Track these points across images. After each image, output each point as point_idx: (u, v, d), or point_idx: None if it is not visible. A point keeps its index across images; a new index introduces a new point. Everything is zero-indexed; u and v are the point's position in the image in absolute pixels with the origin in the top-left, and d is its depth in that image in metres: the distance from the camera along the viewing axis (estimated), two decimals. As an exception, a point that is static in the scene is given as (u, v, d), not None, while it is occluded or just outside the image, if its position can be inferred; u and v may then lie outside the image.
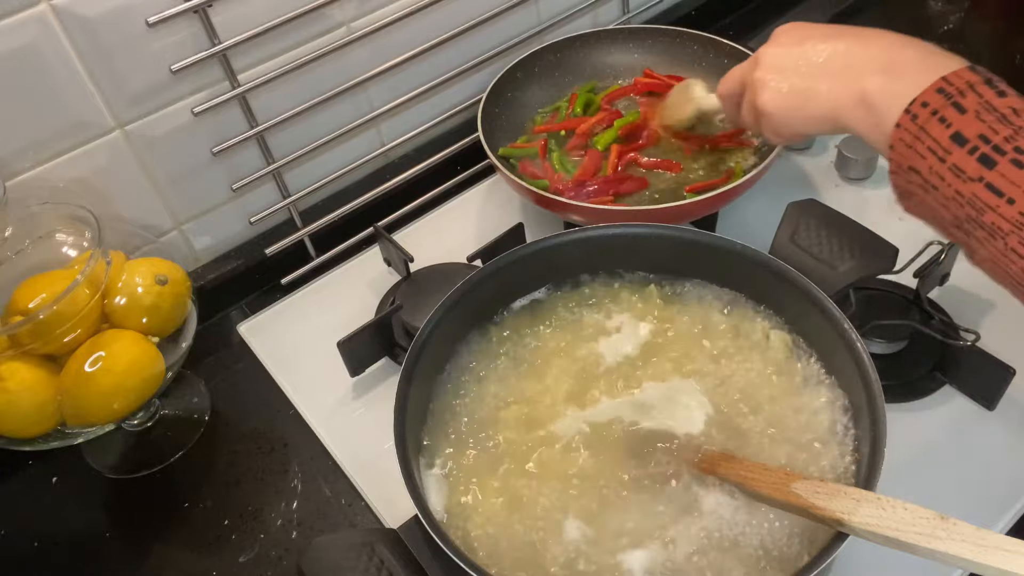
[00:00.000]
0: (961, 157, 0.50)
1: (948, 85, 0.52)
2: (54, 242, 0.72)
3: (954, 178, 0.51)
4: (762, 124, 0.67)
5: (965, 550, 0.44)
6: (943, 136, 0.51)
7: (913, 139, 0.53)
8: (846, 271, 0.65)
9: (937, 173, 0.52)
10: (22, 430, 0.68)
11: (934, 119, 0.52)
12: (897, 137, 0.54)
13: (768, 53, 0.65)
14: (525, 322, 0.71)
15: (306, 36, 0.85)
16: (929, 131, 0.52)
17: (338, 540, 0.54)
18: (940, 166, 0.51)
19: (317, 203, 0.96)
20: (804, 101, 0.62)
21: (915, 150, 0.53)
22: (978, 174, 0.50)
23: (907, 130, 0.53)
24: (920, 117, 0.53)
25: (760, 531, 0.56)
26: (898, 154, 0.54)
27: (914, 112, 0.53)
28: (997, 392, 0.72)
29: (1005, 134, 0.49)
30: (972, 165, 0.50)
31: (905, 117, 0.53)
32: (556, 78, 1.02)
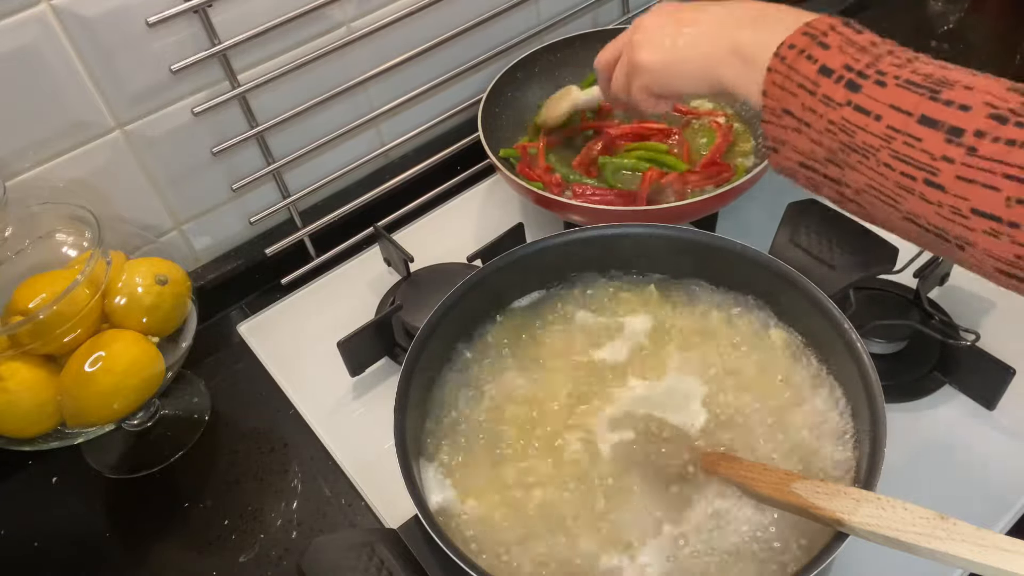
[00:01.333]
0: (829, 87, 0.53)
1: (812, 29, 0.55)
2: (54, 242, 0.72)
3: (825, 108, 0.53)
4: (635, 84, 0.69)
5: (965, 550, 0.44)
6: (811, 71, 0.54)
7: (784, 79, 0.55)
8: (846, 271, 0.65)
9: (809, 108, 0.54)
10: (22, 430, 0.68)
11: (801, 57, 0.55)
12: (770, 81, 0.56)
13: (645, 20, 0.68)
14: (525, 322, 0.71)
15: (306, 36, 0.85)
16: (798, 68, 0.55)
17: (338, 540, 0.54)
18: (811, 99, 0.54)
19: (317, 203, 0.96)
20: (681, 58, 0.64)
21: (787, 90, 0.55)
22: (846, 99, 0.52)
23: (777, 72, 0.56)
24: (788, 58, 0.55)
25: (760, 531, 0.56)
26: (771, 99, 0.56)
27: (782, 55, 0.55)
28: (997, 392, 0.72)
29: (866, 61, 0.52)
30: (840, 92, 0.53)
31: (775, 60, 0.56)
32: (556, 78, 1.02)
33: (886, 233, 0.68)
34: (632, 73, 0.69)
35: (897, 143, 0.50)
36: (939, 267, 0.78)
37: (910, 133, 0.50)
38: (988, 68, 0.54)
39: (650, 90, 0.68)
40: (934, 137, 0.49)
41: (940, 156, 0.48)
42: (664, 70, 0.66)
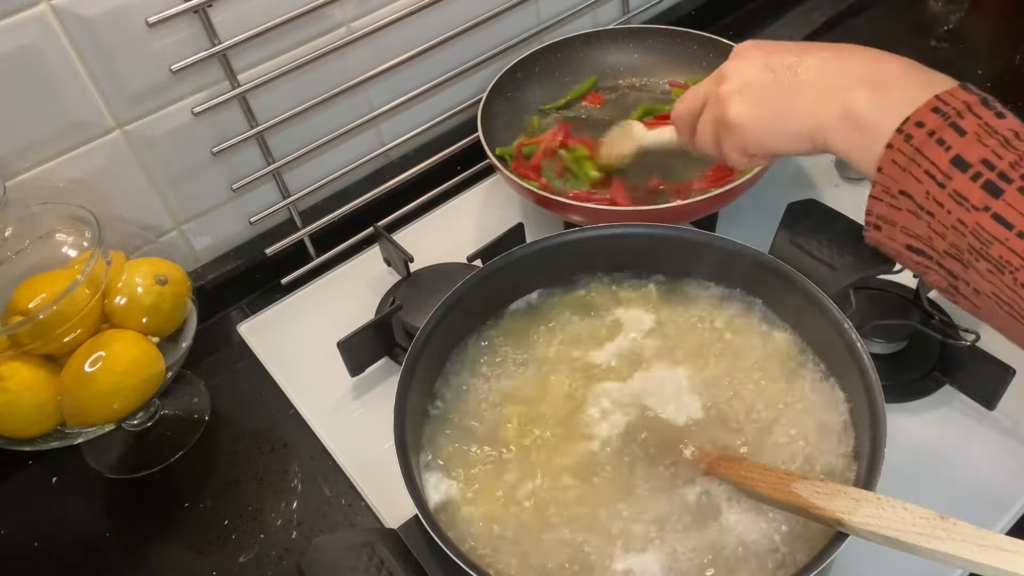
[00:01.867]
0: (963, 183, 0.47)
1: (944, 104, 0.49)
2: (54, 242, 0.72)
3: (955, 206, 0.47)
4: (727, 143, 0.61)
5: (965, 550, 0.44)
6: (942, 160, 0.48)
7: (908, 161, 0.49)
8: (846, 271, 0.65)
9: (935, 199, 0.48)
10: (22, 430, 0.68)
11: (931, 140, 0.48)
12: (888, 159, 0.50)
13: (734, 67, 0.60)
14: (525, 322, 0.71)
15: (306, 36, 0.85)
16: (926, 153, 0.48)
17: (338, 540, 0.54)
18: (939, 192, 0.48)
19: (317, 203, 0.96)
20: (779, 115, 0.57)
21: (909, 173, 0.49)
22: (983, 203, 0.46)
23: (900, 151, 0.49)
24: (915, 138, 0.49)
25: (761, 531, 0.56)
26: (887, 177, 0.51)
27: (907, 132, 0.49)
28: (997, 392, 0.72)
29: (1010, 160, 0.46)
30: (976, 193, 0.46)
31: (898, 137, 0.49)
32: (556, 78, 1.02)
33: (886, 233, 0.68)
34: (722, 131, 0.61)
35: None
36: (939, 267, 0.78)
37: None
38: (988, 68, 0.53)
39: (745, 149, 0.61)
40: None
41: None
42: (761, 128, 0.58)
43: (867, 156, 0.52)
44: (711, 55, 0.99)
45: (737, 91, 0.59)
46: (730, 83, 0.60)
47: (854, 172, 0.94)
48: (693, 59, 1.00)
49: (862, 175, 0.53)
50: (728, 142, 0.61)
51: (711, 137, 0.63)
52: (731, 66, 0.60)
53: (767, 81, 0.57)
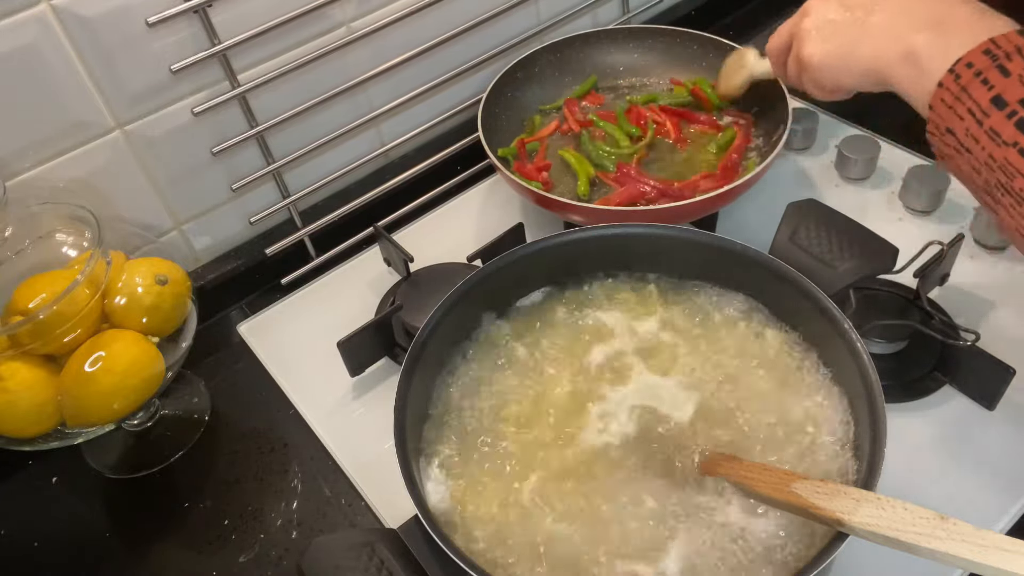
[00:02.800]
0: (999, 120, 0.49)
1: (995, 47, 0.50)
2: (54, 242, 0.72)
3: (989, 142, 0.49)
4: (804, 77, 0.66)
5: (965, 550, 0.44)
6: (984, 98, 0.50)
7: (954, 100, 0.51)
8: (846, 271, 0.65)
9: (973, 136, 0.50)
10: (22, 430, 0.68)
11: (977, 80, 0.50)
12: (938, 97, 0.52)
13: (816, 3, 0.64)
14: (525, 322, 0.71)
15: (306, 36, 0.85)
16: (971, 92, 0.50)
17: (338, 540, 0.54)
18: (977, 129, 0.50)
19: (317, 203, 0.97)
20: (849, 53, 0.60)
21: (955, 111, 0.51)
22: (1013, 139, 0.48)
23: (949, 90, 0.51)
24: (963, 77, 0.51)
25: (761, 531, 0.56)
26: (937, 114, 0.53)
27: (958, 72, 0.51)
28: (997, 392, 0.72)
29: None
30: (1009, 130, 0.48)
31: (948, 77, 0.52)
32: (556, 78, 1.02)
33: (886, 233, 0.68)
34: (801, 66, 0.65)
35: None
36: (939, 267, 0.78)
37: None
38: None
39: (820, 85, 0.65)
40: None
41: None
42: (832, 66, 0.62)
43: (922, 94, 0.54)
44: (711, 55, 0.99)
45: (815, 28, 0.63)
46: (809, 19, 0.63)
47: (854, 172, 0.94)
48: (693, 59, 1.00)
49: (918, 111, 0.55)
50: (806, 76, 0.66)
51: (795, 72, 0.68)
52: (813, 3, 0.64)
53: (842, 19, 0.60)
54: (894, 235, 0.68)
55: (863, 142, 0.94)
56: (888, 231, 0.68)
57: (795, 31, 0.67)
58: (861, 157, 0.93)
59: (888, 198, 0.92)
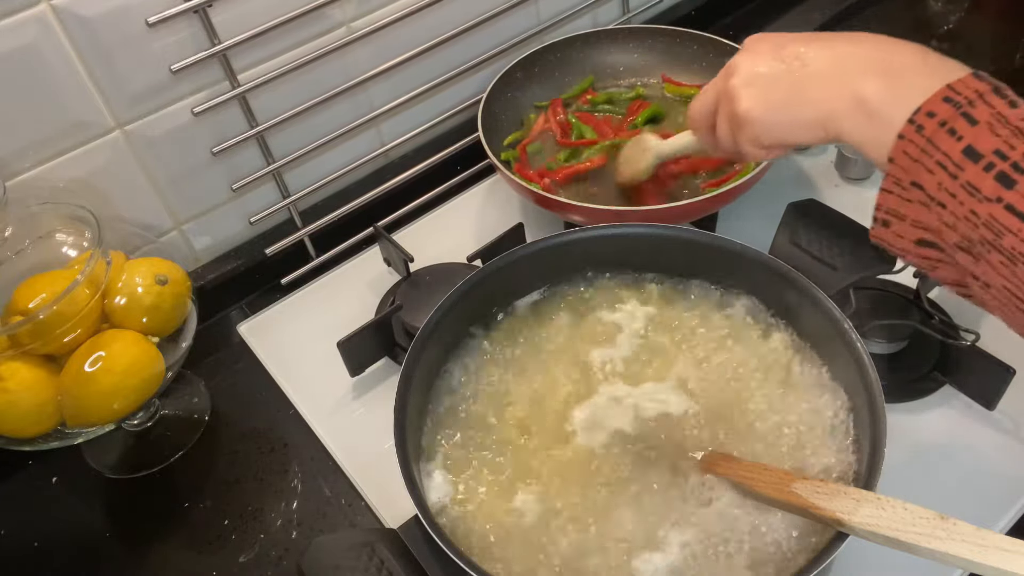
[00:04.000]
0: (976, 174, 0.46)
1: (955, 94, 0.48)
2: (54, 242, 0.72)
3: (968, 197, 0.47)
4: (741, 137, 0.61)
5: (965, 550, 0.44)
6: (954, 150, 0.47)
7: (919, 152, 0.48)
8: (846, 271, 0.65)
9: (947, 190, 0.47)
10: (22, 430, 0.68)
11: (942, 131, 0.48)
12: (900, 149, 0.49)
13: (743, 60, 0.59)
14: (525, 322, 0.71)
15: (306, 36, 0.85)
16: (938, 144, 0.48)
17: (338, 540, 0.54)
18: (951, 183, 0.47)
19: (317, 203, 0.96)
20: (791, 105, 0.56)
21: (921, 164, 0.48)
22: (996, 194, 0.46)
23: (912, 142, 0.49)
24: (927, 128, 0.48)
25: (761, 531, 0.56)
26: (899, 168, 0.50)
27: (919, 123, 0.49)
28: (997, 392, 0.72)
29: (1023, 150, 0.46)
30: (989, 184, 0.46)
31: (909, 128, 0.49)
32: (556, 78, 1.02)
33: (886, 233, 0.68)
34: (735, 125, 0.60)
35: None
36: (939, 267, 0.78)
37: None
38: (988, 68, 0.53)
39: (759, 142, 0.60)
40: None
41: None
42: (773, 120, 0.58)
43: (879, 146, 0.51)
44: (711, 55, 0.99)
45: (746, 84, 0.58)
46: (739, 76, 0.59)
47: (854, 172, 0.94)
48: (693, 59, 1.00)
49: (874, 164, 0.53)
50: (742, 135, 0.61)
51: (728, 134, 0.63)
52: (740, 59, 0.60)
53: (777, 71, 0.57)
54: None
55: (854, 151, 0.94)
56: (888, 231, 0.68)
57: (722, 91, 0.62)
58: (861, 157, 0.92)
59: (888, 198, 0.92)
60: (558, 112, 0.98)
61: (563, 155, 0.93)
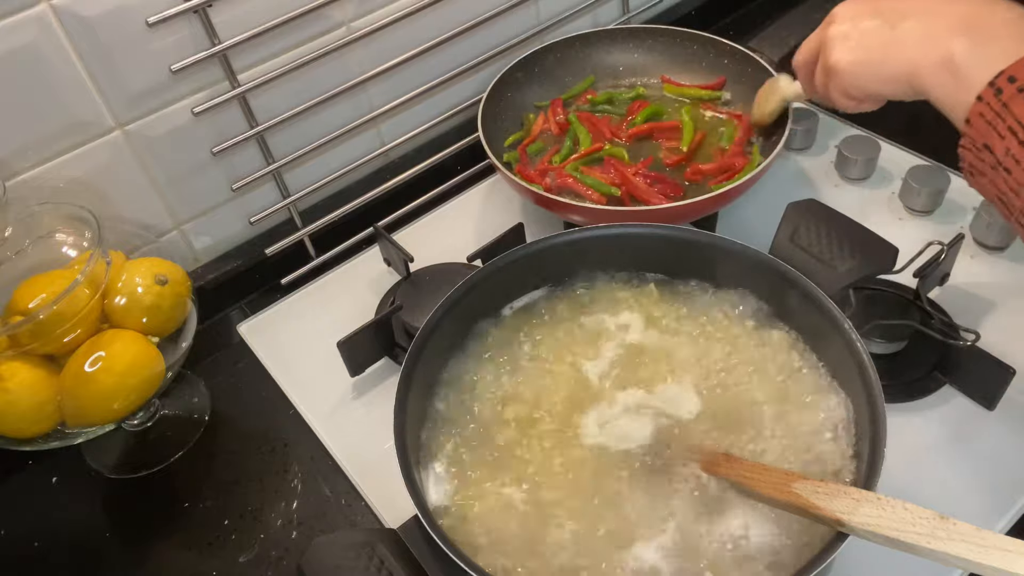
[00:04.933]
0: None
1: None
2: (54, 242, 0.72)
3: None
4: (832, 86, 0.62)
5: (965, 550, 0.44)
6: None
7: (994, 116, 0.48)
8: (846, 271, 0.65)
9: (1014, 156, 0.48)
10: (22, 430, 0.68)
11: (1020, 96, 0.47)
12: (977, 111, 0.50)
13: (842, 10, 0.61)
14: (525, 322, 0.71)
15: (306, 36, 0.85)
16: (1013, 109, 0.48)
17: (338, 540, 0.54)
18: (1020, 150, 0.47)
19: (317, 203, 0.96)
20: (881, 58, 0.57)
21: (995, 128, 0.48)
22: None
23: (989, 105, 0.49)
24: (1005, 92, 0.48)
25: (761, 531, 0.56)
26: (974, 129, 0.50)
27: (999, 86, 0.48)
28: (997, 392, 0.72)
29: None
30: None
31: (989, 90, 0.49)
32: (556, 78, 1.02)
33: (886, 233, 0.68)
34: (828, 74, 0.62)
35: None
36: (939, 267, 0.78)
37: None
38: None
39: (848, 93, 0.62)
40: None
41: None
42: (861, 73, 0.59)
43: (958, 105, 0.51)
44: (711, 55, 0.99)
45: (843, 35, 0.60)
46: (837, 26, 0.60)
47: (854, 172, 0.94)
48: (693, 59, 1.00)
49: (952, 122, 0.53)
50: (833, 85, 0.62)
51: (821, 81, 0.64)
52: (840, 9, 0.61)
53: (873, 25, 0.57)
54: (894, 235, 0.68)
55: (863, 142, 0.94)
56: (888, 231, 0.68)
57: (822, 39, 0.64)
58: (861, 157, 0.93)
59: (888, 198, 0.92)
60: (557, 112, 0.98)
61: (559, 157, 0.93)
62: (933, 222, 0.89)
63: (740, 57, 0.96)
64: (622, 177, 0.88)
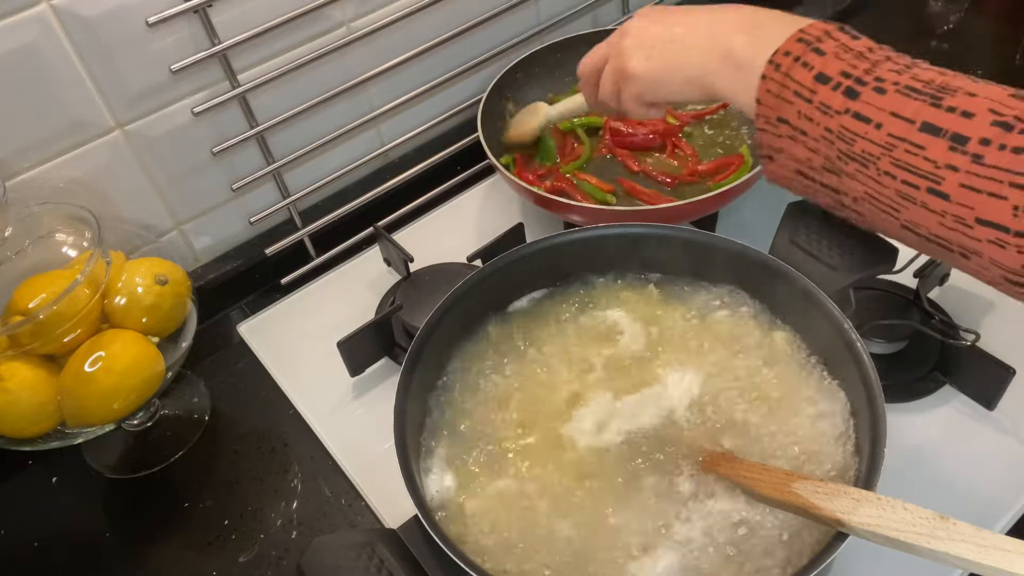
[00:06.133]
0: (826, 94, 0.52)
1: (806, 35, 0.55)
2: (54, 242, 0.72)
3: (822, 116, 0.52)
4: (626, 93, 0.67)
5: (965, 550, 0.44)
6: (807, 78, 0.53)
7: (779, 87, 0.54)
8: (846, 271, 0.65)
9: (805, 116, 0.53)
10: (22, 430, 0.68)
11: (797, 64, 0.54)
12: (764, 89, 0.55)
13: (635, 24, 0.66)
14: (525, 322, 0.71)
15: (306, 36, 0.85)
16: (793, 76, 0.54)
17: (338, 540, 0.54)
18: (807, 107, 0.53)
19: (317, 203, 0.97)
20: (674, 63, 0.63)
21: (782, 98, 0.54)
22: (844, 106, 0.51)
23: (772, 79, 0.55)
24: (783, 65, 0.54)
25: (761, 531, 0.56)
26: (766, 106, 0.55)
27: (777, 62, 0.55)
28: (997, 392, 0.72)
29: (864, 67, 0.52)
30: (838, 99, 0.52)
31: (769, 68, 0.55)
32: (556, 78, 1.02)
33: (886, 233, 0.68)
34: (621, 81, 0.67)
35: (898, 151, 0.49)
36: (939, 267, 0.78)
37: (912, 141, 0.49)
38: (988, 68, 0.54)
39: (641, 98, 0.67)
40: (937, 145, 0.48)
41: (944, 164, 0.48)
42: (655, 77, 0.64)
43: (747, 91, 0.57)
44: (711, 55, 0.99)
45: (638, 45, 0.65)
46: (631, 38, 0.66)
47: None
48: (693, 59, 1.00)
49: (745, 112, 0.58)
50: (627, 91, 0.67)
51: (611, 89, 0.69)
52: (632, 24, 0.66)
53: (664, 36, 0.63)
54: (894, 238, 0.68)
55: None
56: (888, 231, 0.68)
57: (613, 50, 0.68)
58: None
59: (888, 198, 0.92)
60: None
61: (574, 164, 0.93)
62: (933, 222, 0.89)
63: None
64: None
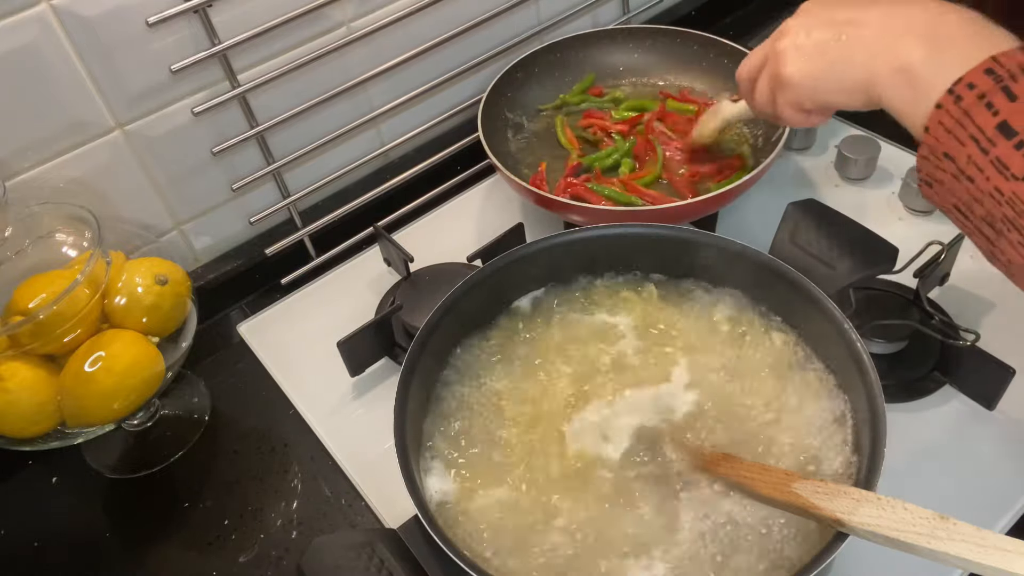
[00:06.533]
0: (1007, 151, 0.46)
1: (999, 66, 0.47)
2: (54, 242, 0.72)
3: (995, 173, 0.46)
4: (782, 99, 0.61)
5: (965, 550, 0.44)
6: (989, 125, 0.46)
7: (954, 124, 0.48)
8: (846, 271, 0.65)
9: (976, 164, 0.47)
10: (22, 430, 0.68)
11: (980, 104, 0.47)
12: (936, 119, 0.49)
13: (794, 22, 0.60)
14: (525, 322, 0.71)
15: (306, 36, 0.85)
16: (974, 117, 0.47)
17: (338, 540, 0.54)
18: (982, 158, 0.47)
19: (317, 203, 0.97)
20: (835, 68, 0.56)
21: (955, 136, 0.48)
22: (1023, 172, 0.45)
23: (948, 112, 0.48)
24: (965, 100, 0.47)
25: (760, 531, 0.56)
26: (933, 138, 0.49)
27: (958, 93, 0.48)
28: (997, 392, 0.72)
29: None
30: (1018, 161, 0.45)
31: (948, 98, 0.48)
32: (556, 78, 1.02)
33: (886, 233, 0.68)
34: (777, 87, 0.61)
35: None
36: (939, 267, 0.78)
37: None
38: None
39: (799, 105, 0.61)
40: None
41: None
42: (815, 83, 0.58)
43: (916, 113, 0.51)
44: (711, 55, 0.99)
45: (795, 47, 0.58)
46: (788, 38, 0.59)
47: (854, 172, 0.94)
48: (693, 59, 1.00)
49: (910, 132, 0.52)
50: (782, 98, 0.61)
51: (768, 95, 0.63)
52: (792, 22, 0.60)
53: (827, 36, 0.56)
54: (894, 235, 0.68)
55: (863, 142, 0.94)
56: (888, 231, 0.69)
57: (770, 52, 0.62)
58: (861, 157, 0.93)
59: (888, 198, 0.92)
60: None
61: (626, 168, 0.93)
62: (933, 222, 0.89)
63: (740, 57, 0.95)
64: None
